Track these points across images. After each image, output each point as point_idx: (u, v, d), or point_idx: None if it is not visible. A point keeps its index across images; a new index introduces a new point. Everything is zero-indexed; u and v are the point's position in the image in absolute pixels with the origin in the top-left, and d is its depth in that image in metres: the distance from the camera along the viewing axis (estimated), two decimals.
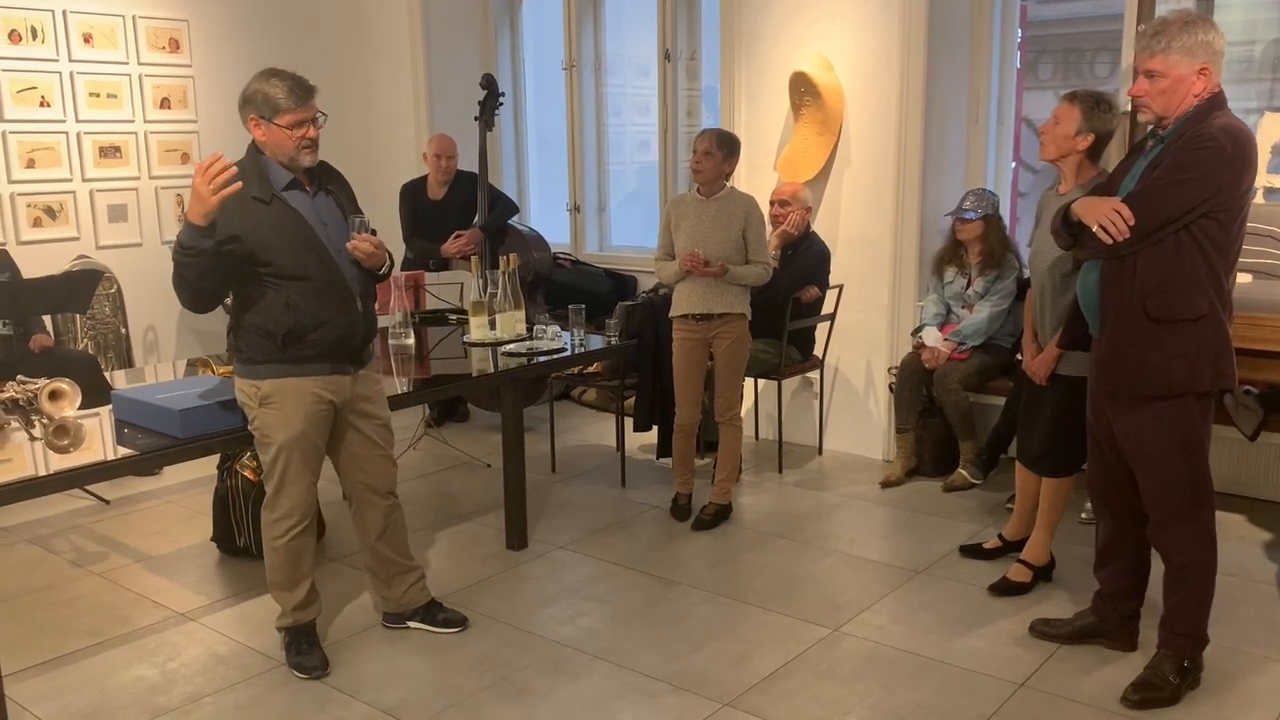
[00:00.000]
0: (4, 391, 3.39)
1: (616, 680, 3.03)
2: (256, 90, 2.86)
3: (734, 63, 5.18)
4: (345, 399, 3.04)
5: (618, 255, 6.34)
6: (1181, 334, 2.64)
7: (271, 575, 3.11)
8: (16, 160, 5.17)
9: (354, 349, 3.03)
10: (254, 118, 2.87)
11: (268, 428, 2.94)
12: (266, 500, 3.04)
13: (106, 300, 5.24)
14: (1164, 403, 2.69)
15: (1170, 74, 2.61)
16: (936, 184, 4.81)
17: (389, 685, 3.03)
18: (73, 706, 2.95)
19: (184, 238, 2.73)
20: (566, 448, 5.27)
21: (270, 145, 2.88)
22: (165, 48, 5.65)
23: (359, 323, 3.01)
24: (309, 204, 2.94)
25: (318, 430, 2.99)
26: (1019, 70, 5.00)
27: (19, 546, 4.12)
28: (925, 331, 4.57)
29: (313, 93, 2.91)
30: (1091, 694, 2.89)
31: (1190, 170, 2.56)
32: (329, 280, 2.92)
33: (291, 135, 2.86)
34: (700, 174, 4.01)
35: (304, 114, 2.87)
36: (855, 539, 4.07)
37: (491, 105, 5.49)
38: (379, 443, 3.16)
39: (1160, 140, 2.70)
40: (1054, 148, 3.27)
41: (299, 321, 2.88)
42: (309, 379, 2.94)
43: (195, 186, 2.68)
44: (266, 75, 2.88)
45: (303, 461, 2.97)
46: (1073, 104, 3.24)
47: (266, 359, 2.91)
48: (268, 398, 2.92)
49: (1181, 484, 2.74)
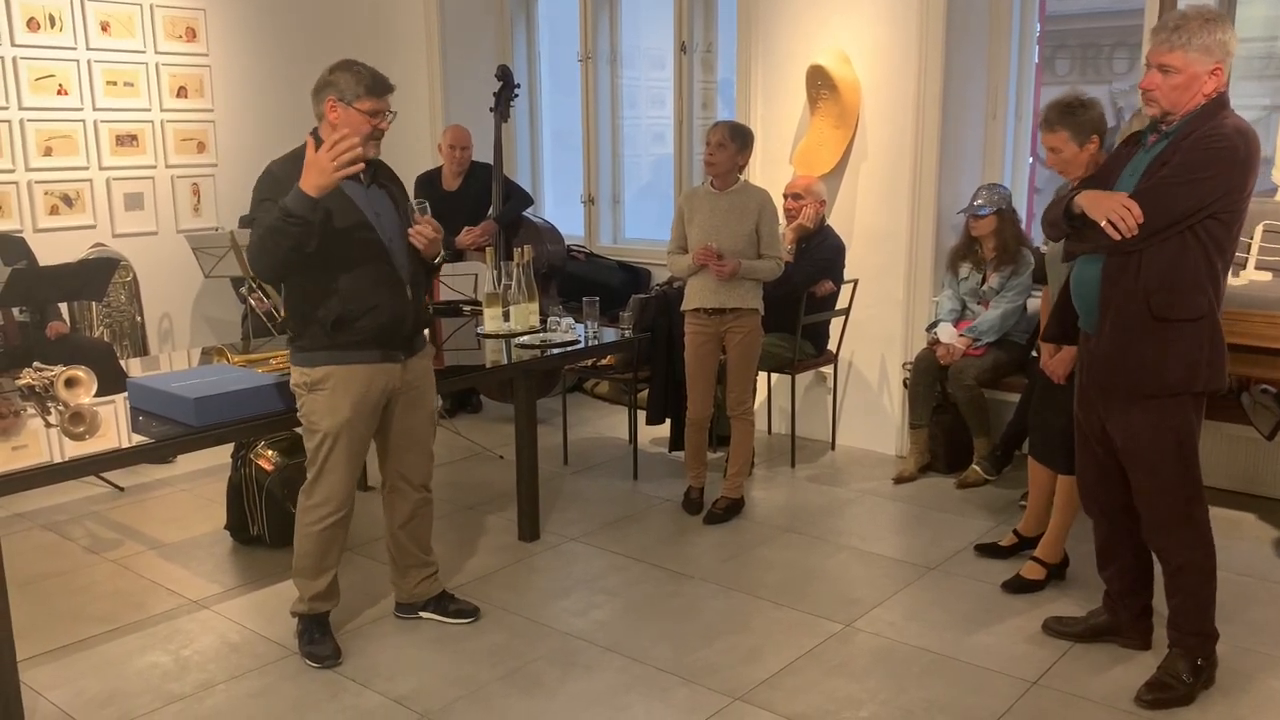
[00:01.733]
0: (21, 378, 3.41)
1: (628, 673, 3.04)
2: (340, 76, 2.91)
3: (750, 55, 5.16)
4: (395, 387, 3.06)
5: (632, 248, 6.33)
6: (1181, 333, 2.62)
7: (298, 561, 3.12)
8: (34, 148, 5.19)
9: (404, 336, 3.05)
10: (332, 99, 2.91)
11: (314, 413, 2.97)
12: (305, 486, 3.06)
13: (122, 288, 5.27)
14: (1159, 401, 2.67)
15: (1186, 70, 2.58)
16: (953, 179, 4.79)
17: (401, 675, 3.03)
18: (86, 692, 2.96)
19: (293, 205, 2.74)
20: (579, 440, 5.27)
21: (341, 128, 2.87)
22: (182, 36, 5.66)
23: (409, 310, 3.04)
24: (363, 194, 2.97)
25: (365, 420, 3.02)
26: (1037, 65, 4.97)
27: (34, 532, 4.14)
28: (940, 327, 4.55)
29: (391, 89, 2.97)
30: (1105, 693, 2.88)
31: (1203, 169, 2.53)
32: (379, 267, 2.95)
33: (367, 121, 2.90)
34: (713, 166, 4.00)
35: (381, 104, 2.94)
36: (867, 534, 4.06)
37: (507, 96, 5.49)
38: (420, 435, 3.20)
39: (1165, 136, 2.66)
40: (1074, 170, 3.23)
41: (348, 308, 2.91)
42: (359, 366, 2.97)
43: (318, 159, 2.71)
44: (349, 64, 2.94)
45: (346, 450, 2.99)
46: (1054, 129, 3.19)
47: (317, 346, 2.94)
48: (318, 384, 2.96)
49: (1175, 483, 2.73)
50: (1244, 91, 4.52)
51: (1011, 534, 3.79)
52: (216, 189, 5.83)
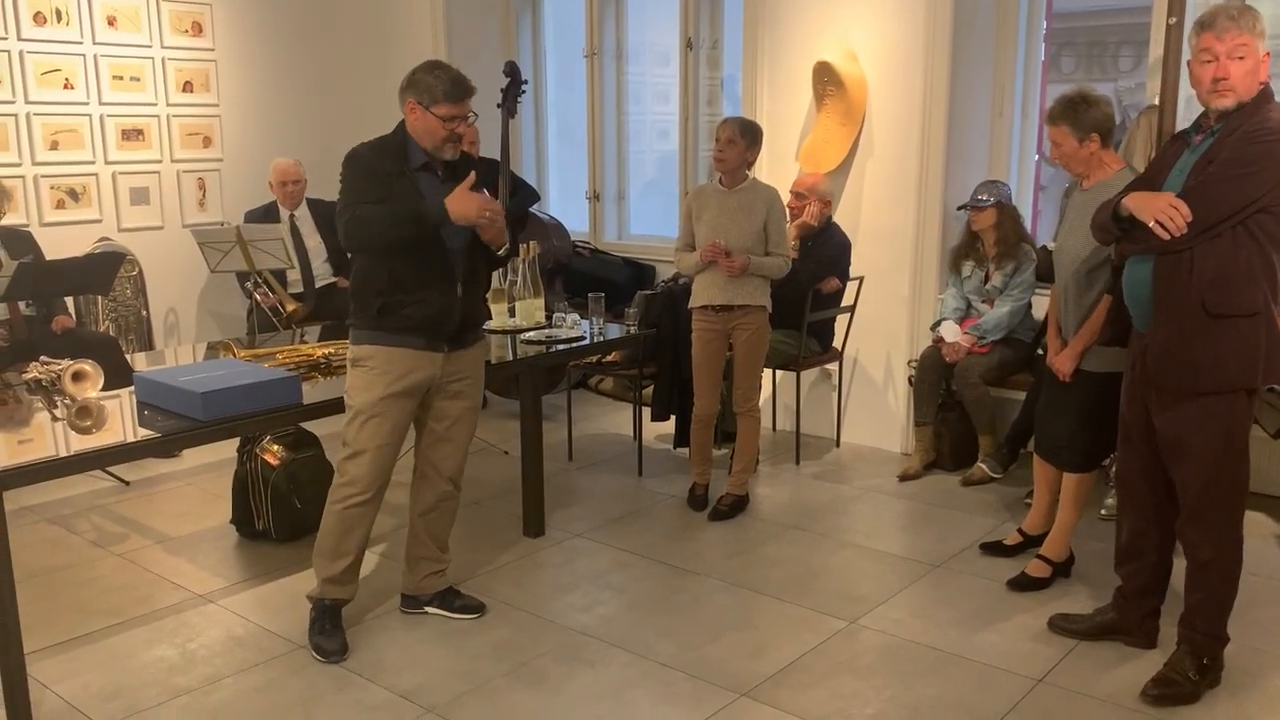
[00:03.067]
0: (27, 372, 3.42)
1: (633, 669, 3.04)
2: (422, 78, 2.96)
3: (756, 52, 5.16)
4: (437, 376, 3.09)
5: (636, 244, 6.33)
6: (1237, 329, 2.62)
7: (320, 540, 3.14)
8: (40, 142, 5.19)
9: (450, 330, 3.08)
10: (412, 102, 2.97)
11: (353, 389, 3.04)
12: (339, 462, 3.10)
13: (128, 282, 5.27)
14: (1214, 398, 2.67)
15: (1253, 56, 2.60)
16: (959, 176, 4.78)
17: (407, 670, 3.04)
18: (93, 686, 2.97)
19: (430, 213, 2.89)
20: (584, 436, 5.27)
21: (419, 131, 2.99)
22: (188, 31, 5.65)
23: (456, 305, 3.06)
24: (436, 187, 3.00)
25: (399, 405, 3.04)
26: (1044, 62, 4.96)
27: (41, 526, 4.15)
28: (944, 326, 4.55)
29: (472, 93, 3.00)
30: (1110, 690, 2.88)
31: (1248, 165, 2.53)
32: (433, 259, 2.99)
33: (443, 126, 2.95)
34: (722, 163, 3.99)
35: (459, 110, 2.97)
36: (872, 532, 4.05)
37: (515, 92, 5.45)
38: (457, 429, 3.22)
39: (1211, 134, 2.67)
40: (1075, 165, 3.27)
41: (396, 293, 2.97)
42: (399, 350, 3.01)
43: (474, 203, 2.88)
44: (433, 66, 2.99)
45: (376, 430, 3.01)
46: (1057, 124, 3.22)
47: (367, 325, 3.02)
48: (359, 360, 3.03)
49: (1222, 479, 2.72)
50: None
51: (1016, 532, 3.79)
52: (222, 184, 5.83)
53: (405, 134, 3.03)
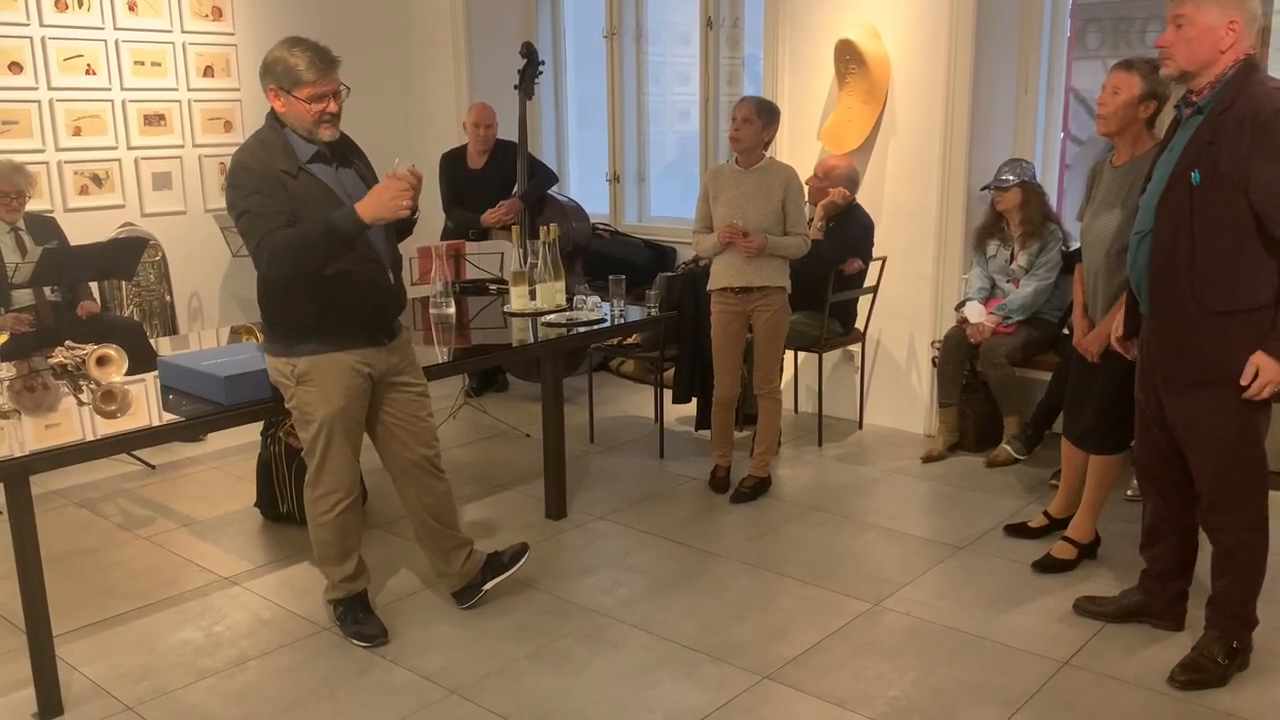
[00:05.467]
0: (53, 357, 3.44)
1: (655, 650, 3.04)
2: (278, 59, 2.75)
3: (778, 30, 5.11)
4: (382, 371, 3.02)
5: (657, 226, 6.30)
6: (1244, 323, 2.56)
7: (321, 550, 3.10)
8: (64, 128, 5.22)
9: (388, 320, 3.02)
10: (273, 88, 2.77)
11: (307, 405, 2.92)
12: (309, 478, 3.03)
13: (151, 268, 5.30)
14: (1224, 388, 2.61)
15: (1199, 21, 2.51)
16: (983, 155, 4.72)
17: (430, 651, 3.05)
18: (121, 667, 3.00)
19: (343, 226, 2.69)
20: (605, 419, 5.27)
21: (289, 117, 2.79)
22: (208, 16, 5.66)
23: (393, 294, 3.00)
24: (334, 176, 2.87)
25: (357, 404, 2.98)
26: (1069, 38, 4.88)
27: (68, 509, 4.19)
28: (968, 307, 4.50)
29: (336, 65, 2.79)
30: (1137, 673, 2.85)
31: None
32: (362, 253, 2.86)
33: (310, 109, 2.76)
34: (738, 142, 3.96)
35: (325, 87, 2.76)
36: (896, 514, 4.03)
37: (531, 74, 5.45)
38: (417, 410, 3.12)
39: (1198, 110, 2.59)
40: (1116, 119, 3.16)
41: (334, 296, 2.84)
42: (346, 353, 2.91)
43: (384, 194, 2.68)
44: (289, 44, 2.78)
45: (344, 436, 2.96)
46: (1130, 72, 3.15)
47: (302, 336, 2.87)
48: (305, 375, 2.89)
49: (1238, 465, 2.68)
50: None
51: (1042, 515, 3.76)
52: None
53: (280, 126, 2.82)
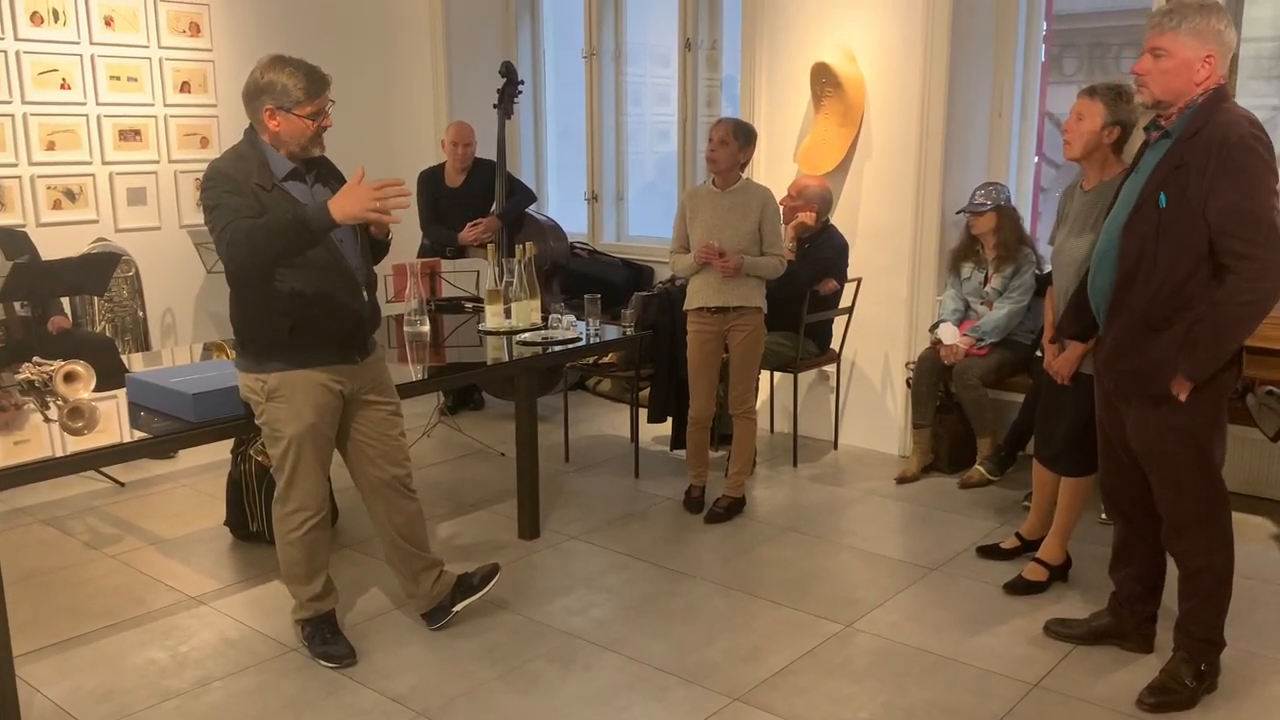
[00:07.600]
0: (20, 373, 3.40)
1: (627, 672, 3.02)
2: (273, 80, 2.78)
3: (755, 52, 5.14)
4: (353, 388, 3.00)
5: (635, 245, 6.31)
6: (1176, 331, 2.59)
7: (288, 569, 3.07)
8: (37, 142, 5.19)
9: (362, 338, 3.00)
10: (270, 108, 2.79)
11: (277, 422, 2.90)
12: (278, 495, 3.01)
13: (124, 283, 5.26)
14: (1170, 408, 2.63)
15: (1177, 54, 2.55)
16: (958, 177, 4.76)
17: (399, 673, 3.02)
18: (83, 688, 2.95)
19: (313, 220, 2.66)
20: (580, 438, 5.26)
21: (285, 135, 2.81)
22: (186, 31, 5.65)
23: (366, 311, 2.98)
24: (307, 194, 2.87)
25: (327, 421, 2.96)
26: (1044, 64, 4.94)
27: (34, 527, 4.14)
28: (942, 328, 4.53)
29: (328, 82, 2.85)
30: (1106, 695, 2.86)
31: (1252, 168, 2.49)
32: (335, 269, 2.87)
33: (311, 125, 2.82)
34: (715, 163, 3.98)
35: (322, 104, 2.83)
36: (869, 535, 4.04)
37: (511, 93, 5.47)
38: (389, 429, 3.10)
39: (1166, 134, 2.63)
40: (1080, 145, 3.21)
41: (307, 312, 2.83)
42: (317, 370, 2.90)
43: (359, 192, 2.65)
44: (279, 64, 2.80)
45: (314, 454, 2.94)
46: (1094, 99, 3.19)
47: (273, 352, 2.86)
48: (275, 391, 2.87)
49: (1195, 488, 2.70)
50: (1253, 91, 4.49)
51: (1014, 536, 3.77)
52: None
53: (260, 144, 2.83)
